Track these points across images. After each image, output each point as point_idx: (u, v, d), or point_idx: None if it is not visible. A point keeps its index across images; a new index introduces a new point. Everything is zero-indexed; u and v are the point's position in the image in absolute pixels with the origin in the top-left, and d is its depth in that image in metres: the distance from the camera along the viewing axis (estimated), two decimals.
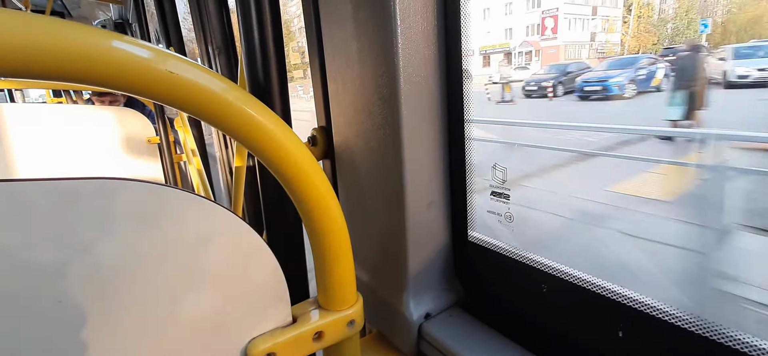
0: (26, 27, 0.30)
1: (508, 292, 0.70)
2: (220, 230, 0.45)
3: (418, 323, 0.74)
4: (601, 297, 0.56)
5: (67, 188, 0.36)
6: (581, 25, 18.58)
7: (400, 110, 0.64)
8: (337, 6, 0.73)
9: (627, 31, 14.68)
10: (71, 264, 0.37)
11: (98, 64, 0.33)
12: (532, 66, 20.25)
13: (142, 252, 0.41)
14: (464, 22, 0.65)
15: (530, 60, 21.38)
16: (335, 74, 0.79)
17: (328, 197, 0.50)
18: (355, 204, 0.84)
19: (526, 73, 16.08)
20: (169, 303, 0.44)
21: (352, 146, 0.79)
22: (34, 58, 0.30)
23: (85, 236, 0.38)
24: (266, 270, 0.50)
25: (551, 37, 19.68)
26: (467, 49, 0.66)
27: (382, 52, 0.64)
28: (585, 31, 18.30)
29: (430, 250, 0.75)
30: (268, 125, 0.43)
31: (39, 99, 10.76)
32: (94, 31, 0.33)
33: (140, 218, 0.40)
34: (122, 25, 4.78)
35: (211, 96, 0.39)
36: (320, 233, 0.52)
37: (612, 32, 15.12)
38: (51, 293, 0.37)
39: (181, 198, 0.42)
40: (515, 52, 22.29)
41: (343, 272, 0.55)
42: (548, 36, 20.06)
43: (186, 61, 0.37)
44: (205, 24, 1.74)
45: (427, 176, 0.71)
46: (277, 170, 0.46)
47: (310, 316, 0.56)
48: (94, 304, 0.39)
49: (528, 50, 21.70)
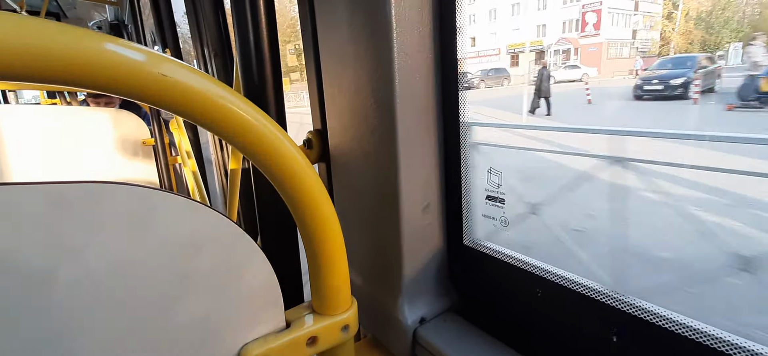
0: (19, 30, 0.29)
1: (503, 297, 0.70)
2: (212, 235, 0.45)
3: (412, 327, 0.74)
4: (596, 301, 0.56)
5: (55, 191, 0.36)
6: (624, 21, 17.14)
7: (395, 114, 0.64)
8: (333, 10, 0.73)
9: (674, 28, 13.95)
10: (59, 270, 0.37)
11: (91, 68, 0.32)
12: (566, 65, 19.02)
13: (132, 257, 0.40)
14: (460, 27, 0.65)
15: (567, 58, 20.13)
16: (331, 77, 0.79)
17: (323, 201, 0.50)
18: (351, 208, 0.84)
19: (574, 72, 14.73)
20: (160, 308, 0.43)
21: (348, 150, 0.79)
22: (27, 62, 0.30)
23: (74, 241, 0.37)
24: (260, 275, 0.50)
25: (593, 33, 18.40)
26: (463, 54, 0.66)
27: (377, 57, 0.64)
28: (627, 28, 16.84)
29: (425, 254, 0.75)
30: (262, 129, 0.43)
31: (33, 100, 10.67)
32: (87, 33, 0.33)
33: (130, 222, 0.40)
34: (118, 27, 4.76)
35: (205, 100, 0.38)
36: (315, 237, 0.52)
37: (656, 29, 14.20)
38: (37, 299, 0.36)
39: (173, 202, 0.42)
40: (551, 51, 20.95)
41: (337, 276, 0.55)
42: (589, 32, 18.77)
43: (179, 64, 0.37)
44: (201, 26, 1.73)
45: (422, 180, 0.71)
46: (272, 174, 0.46)
47: (304, 321, 0.55)
48: (82, 310, 0.39)
49: (565, 48, 20.36)
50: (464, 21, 0.65)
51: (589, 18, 18.42)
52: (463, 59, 0.66)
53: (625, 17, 16.94)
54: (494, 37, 28.08)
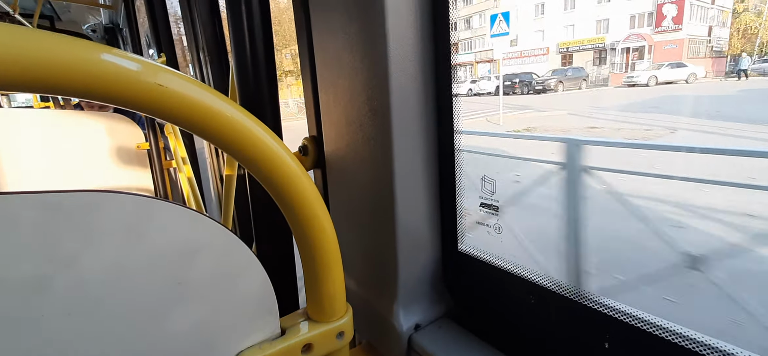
0: (16, 40, 0.30)
1: (497, 303, 0.70)
2: (208, 242, 0.45)
3: (407, 334, 0.74)
4: (589, 308, 0.57)
5: (51, 201, 0.36)
6: (701, 15, 14.54)
7: (390, 122, 0.65)
8: (328, 19, 0.73)
9: (761, 24, 11.97)
10: (54, 279, 0.37)
11: (88, 78, 0.32)
12: (641, 64, 16.12)
13: (127, 266, 0.40)
14: (453, 37, 0.66)
15: (641, 57, 16.93)
16: (326, 85, 0.79)
17: (318, 208, 0.50)
18: (346, 214, 0.84)
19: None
20: (155, 317, 0.43)
21: (343, 157, 0.79)
22: (22, 72, 0.30)
23: (69, 250, 0.37)
24: (255, 282, 0.50)
25: (672, 28, 15.08)
26: (456, 63, 0.67)
27: (372, 66, 0.65)
28: (704, 24, 14.41)
29: (419, 261, 0.76)
30: (258, 137, 0.43)
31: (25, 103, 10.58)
32: (83, 44, 0.33)
33: (126, 231, 0.40)
34: (113, 30, 4.73)
35: (202, 109, 0.39)
36: (310, 244, 0.52)
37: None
38: (32, 309, 0.36)
39: (169, 210, 0.42)
40: (618, 48, 17.88)
41: (332, 283, 0.55)
42: (667, 27, 15.46)
43: (176, 74, 0.38)
44: (197, 31, 1.73)
45: (416, 187, 0.71)
46: (267, 181, 0.46)
47: (300, 328, 0.55)
48: (77, 319, 0.39)
49: (638, 45, 16.99)
50: (458, 28, 0.66)
51: (667, 10, 15.45)
52: (457, 67, 0.67)
53: (703, 11, 14.53)
54: (540, 34, 25.27)
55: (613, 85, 14.32)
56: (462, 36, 32.65)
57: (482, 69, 29.53)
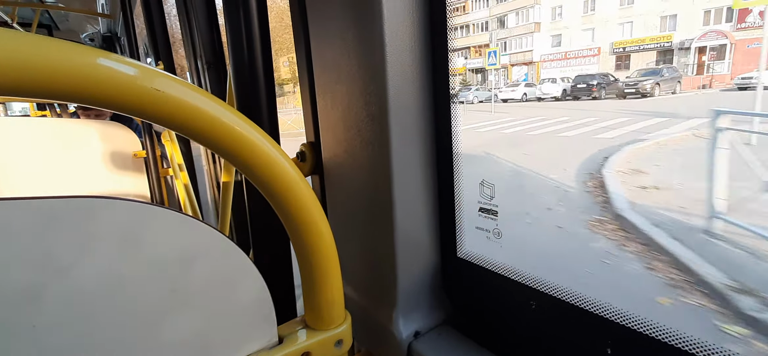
0: (12, 45, 0.29)
1: (497, 309, 0.70)
2: (205, 250, 0.44)
3: (407, 341, 0.73)
4: (590, 314, 0.56)
5: (45, 207, 0.35)
6: None
7: (388, 128, 0.65)
8: (326, 25, 0.74)
9: None
10: (48, 286, 0.36)
11: (85, 82, 0.32)
12: (719, 66, 13.80)
13: (123, 273, 0.40)
14: (451, 42, 0.66)
15: (720, 57, 14.43)
16: (324, 91, 0.79)
17: (316, 214, 0.50)
18: (344, 221, 0.84)
19: None
20: (151, 325, 0.42)
21: (341, 163, 0.79)
22: (20, 76, 0.30)
23: (64, 257, 0.36)
24: (252, 290, 0.50)
25: (758, 24, 12.99)
26: (454, 68, 0.67)
27: (370, 72, 0.65)
28: None
29: (419, 267, 0.75)
30: (255, 142, 0.43)
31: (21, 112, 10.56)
32: (80, 49, 0.32)
33: (122, 238, 0.39)
34: (111, 39, 4.74)
35: (199, 114, 0.38)
36: (308, 251, 0.51)
37: None
38: (25, 317, 0.36)
39: (165, 217, 0.41)
40: (693, 47, 15.37)
41: (331, 290, 0.55)
42: (753, 23, 13.37)
43: (173, 78, 0.37)
44: (194, 38, 1.74)
45: (415, 192, 0.71)
46: (265, 188, 0.45)
47: (297, 336, 0.55)
48: (71, 327, 0.38)
49: (717, 44, 14.67)
50: (455, 33, 0.66)
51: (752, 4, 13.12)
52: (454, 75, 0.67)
53: None
54: (589, 33, 22.04)
55: (695, 88, 12.11)
56: (501, 34, 29.18)
57: (517, 72, 27.33)
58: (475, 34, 31.35)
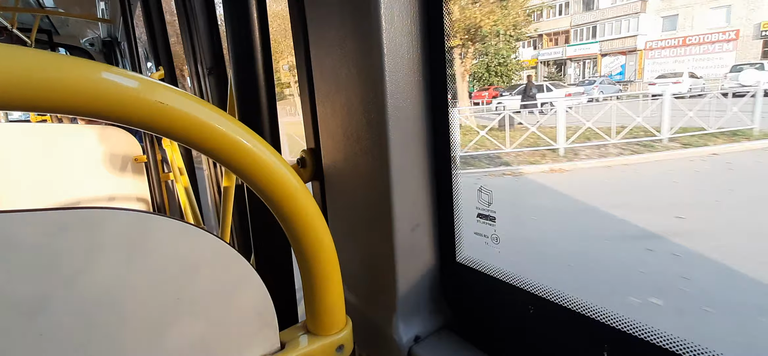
0: (15, 60, 0.30)
1: (496, 313, 0.70)
2: (207, 258, 0.45)
3: (407, 346, 0.73)
4: (587, 318, 0.57)
5: (51, 219, 0.36)
6: None
7: (387, 135, 0.65)
8: (325, 34, 0.74)
9: None
10: (54, 296, 0.37)
11: (89, 97, 0.33)
12: None
13: (127, 283, 0.40)
14: (448, 50, 0.67)
15: None
16: (324, 98, 0.80)
17: (317, 220, 0.50)
18: (344, 226, 0.85)
19: None
20: (155, 333, 0.43)
21: (341, 169, 0.80)
22: (24, 91, 0.30)
23: (70, 268, 0.37)
24: (254, 296, 0.50)
25: None
26: (452, 75, 0.68)
27: (369, 79, 0.66)
28: None
29: (418, 272, 0.76)
30: (256, 153, 0.43)
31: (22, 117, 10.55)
32: (84, 63, 0.33)
33: (127, 248, 0.40)
34: (111, 44, 4.75)
35: (201, 126, 0.39)
36: (308, 257, 0.52)
37: None
38: (32, 326, 0.36)
39: (169, 226, 0.42)
40: None
41: (331, 296, 0.55)
42: None
43: (176, 91, 0.38)
44: (195, 43, 1.74)
45: (414, 198, 0.72)
46: (266, 195, 0.46)
47: (299, 342, 0.55)
48: (77, 336, 0.39)
49: None
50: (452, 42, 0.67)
51: None
52: (453, 81, 0.68)
53: None
54: (723, 12, 17.04)
55: None
56: (579, 20, 23.45)
57: (607, 63, 21.81)
58: (550, 20, 25.47)
